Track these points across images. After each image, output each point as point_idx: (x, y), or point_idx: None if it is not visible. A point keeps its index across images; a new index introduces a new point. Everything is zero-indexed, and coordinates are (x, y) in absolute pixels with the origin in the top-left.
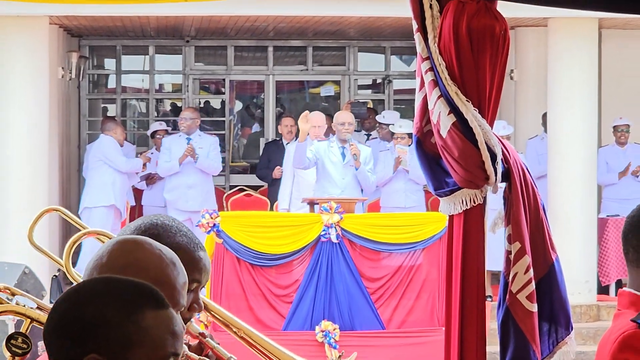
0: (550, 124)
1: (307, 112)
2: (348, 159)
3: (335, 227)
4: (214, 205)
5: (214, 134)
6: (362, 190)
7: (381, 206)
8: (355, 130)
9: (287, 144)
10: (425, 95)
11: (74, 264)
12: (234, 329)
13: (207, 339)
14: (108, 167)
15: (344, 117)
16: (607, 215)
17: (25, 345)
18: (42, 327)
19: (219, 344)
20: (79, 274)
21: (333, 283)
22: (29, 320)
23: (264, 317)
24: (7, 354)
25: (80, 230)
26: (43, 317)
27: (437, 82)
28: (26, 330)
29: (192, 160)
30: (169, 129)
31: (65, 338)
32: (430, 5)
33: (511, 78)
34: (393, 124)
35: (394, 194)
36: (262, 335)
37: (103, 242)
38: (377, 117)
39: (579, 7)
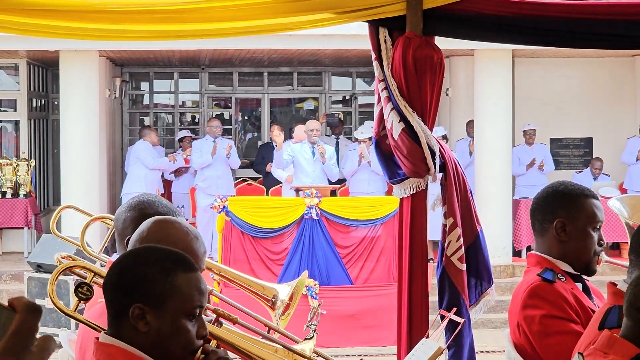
0: (477, 129)
1: (278, 126)
2: (317, 156)
3: (315, 208)
4: (233, 191)
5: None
6: (328, 179)
7: (350, 192)
8: (326, 135)
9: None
10: (382, 107)
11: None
12: (214, 270)
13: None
14: (141, 164)
15: (313, 125)
16: (520, 198)
17: (88, 293)
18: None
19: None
20: (94, 250)
21: (314, 250)
22: (92, 273)
23: (262, 276)
24: (75, 299)
25: (88, 217)
26: (103, 272)
27: (390, 98)
28: (89, 282)
29: (222, 156)
30: (193, 135)
31: (118, 291)
32: (385, 40)
33: (447, 95)
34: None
35: (359, 182)
36: (232, 269)
37: (107, 224)
38: (355, 133)
39: (496, 41)
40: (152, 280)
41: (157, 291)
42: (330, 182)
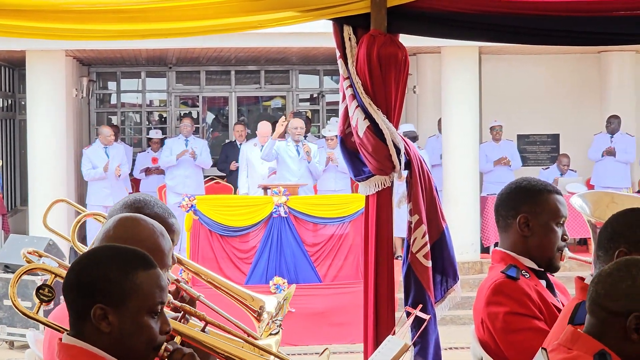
0: (444, 126)
1: (283, 118)
2: (302, 155)
3: (283, 206)
4: (203, 191)
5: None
6: (313, 178)
7: (317, 189)
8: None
9: (240, 144)
10: (347, 105)
11: (85, 239)
12: (202, 276)
13: (180, 283)
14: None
15: (297, 123)
16: (487, 194)
17: (50, 294)
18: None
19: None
20: (84, 245)
21: (282, 248)
22: (53, 275)
23: (230, 274)
24: (37, 301)
25: (81, 213)
26: (63, 273)
27: (355, 96)
28: (51, 283)
29: (190, 157)
30: (163, 137)
31: (78, 291)
32: (349, 38)
33: (414, 92)
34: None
35: (325, 180)
36: (221, 277)
37: (99, 221)
38: (322, 131)
39: (462, 38)
40: (112, 280)
41: (117, 291)
42: (315, 181)
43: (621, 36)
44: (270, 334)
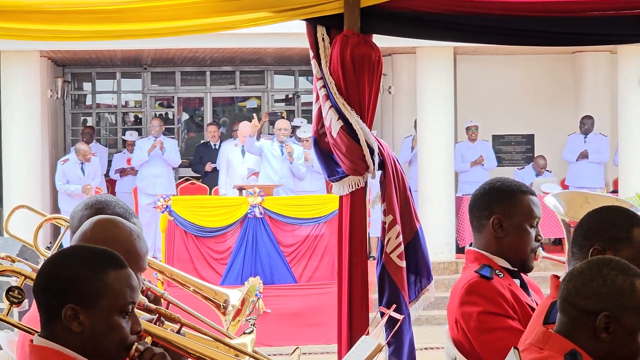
0: (419, 126)
1: (256, 120)
2: (285, 155)
3: (258, 207)
4: (174, 191)
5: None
6: (296, 178)
7: (293, 190)
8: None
9: (214, 145)
10: (320, 106)
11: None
12: (166, 273)
13: (144, 281)
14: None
15: (282, 124)
16: (463, 194)
17: (20, 296)
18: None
19: (150, 282)
20: (45, 250)
21: (257, 248)
22: (22, 277)
23: (206, 275)
24: (6, 303)
25: (42, 217)
26: (33, 275)
27: (328, 96)
28: (20, 285)
29: (160, 154)
30: (138, 139)
31: (48, 292)
32: (323, 38)
33: (389, 92)
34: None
35: (302, 181)
36: (184, 273)
37: (61, 225)
38: (297, 132)
39: (436, 39)
40: (83, 280)
41: (88, 291)
42: (300, 181)
43: (595, 36)
44: (244, 333)
